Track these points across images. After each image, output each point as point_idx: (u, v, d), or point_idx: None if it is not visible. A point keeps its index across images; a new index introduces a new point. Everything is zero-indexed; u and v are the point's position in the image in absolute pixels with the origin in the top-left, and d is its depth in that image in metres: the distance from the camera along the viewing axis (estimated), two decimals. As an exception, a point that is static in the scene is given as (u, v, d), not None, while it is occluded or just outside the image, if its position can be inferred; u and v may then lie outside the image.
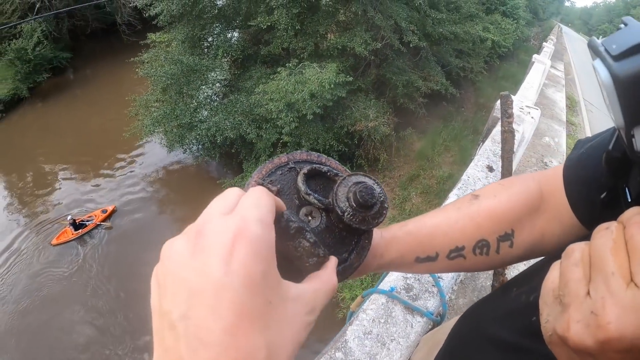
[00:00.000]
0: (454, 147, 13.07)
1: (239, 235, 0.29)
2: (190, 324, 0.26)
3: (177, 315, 0.27)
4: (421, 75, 13.10)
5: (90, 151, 14.42)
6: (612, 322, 0.31)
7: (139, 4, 12.22)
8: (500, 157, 2.97)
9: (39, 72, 18.25)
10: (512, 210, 0.68)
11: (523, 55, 22.04)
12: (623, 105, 0.33)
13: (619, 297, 0.32)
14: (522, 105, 5.50)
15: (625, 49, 0.32)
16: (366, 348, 1.49)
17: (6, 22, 17.84)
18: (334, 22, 11.41)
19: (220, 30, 12.53)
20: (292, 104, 9.94)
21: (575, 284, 0.36)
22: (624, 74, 0.32)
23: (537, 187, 0.70)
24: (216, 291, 0.27)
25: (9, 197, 13.13)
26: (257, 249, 0.29)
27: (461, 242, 0.67)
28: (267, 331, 0.27)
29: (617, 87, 0.32)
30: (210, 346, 0.26)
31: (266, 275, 0.29)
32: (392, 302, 1.68)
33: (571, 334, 0.34)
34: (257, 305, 0.27)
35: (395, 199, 11.33)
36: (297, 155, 0.50)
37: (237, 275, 0.27)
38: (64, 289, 10.06)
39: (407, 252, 0.67)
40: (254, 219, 0.31)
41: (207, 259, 0.28)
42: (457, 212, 0.70)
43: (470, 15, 15.65)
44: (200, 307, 0.27)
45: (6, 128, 16.49)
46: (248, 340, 0.26)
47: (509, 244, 0.68)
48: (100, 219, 11.70)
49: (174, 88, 11.31)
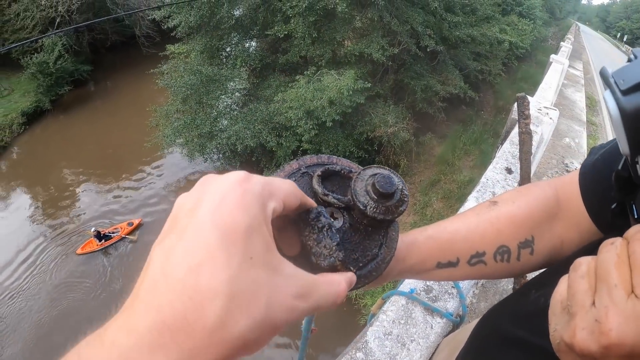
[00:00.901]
0: (474, 151, 12.94)
1: (237, 186, 0.30)
2: (165, 261, 0.27)
3: (159, 251, 0.28)
4: (439, 79, 13.04)
5: (112, 162, 14.67)
6: (613, 329, 0.34)
7: (157, 16, 12.45)
8: (519, 159, 2.93)
9: (60, 85, 18.66)
10: (531, 217, 0.68)
11: (541, 56, 21.76)
12: (629, 136, 0.36)
13: (621, 306, 0.34)
14: (540, 106, 5.43)
15: (632, 84, 0.35)
16: (386, 348, 1.50)
17: (28, 36, 18.33)
18: (351, 29, 11.44)
19: (238, 40, 12.68)
20: (311, 112, 9.98)
21: (581, 294, 0.38)
22: (631, 108, 0.35)
23: (554, 194, 0.70)
24: (196, 233, 0.27)
25: (33, 207, 13.40)
26: (248, 202, 0.29)
27: (482, 247, 0.68)
28: (235, 284, 0.26)
29: (623, 120, 0.35)
30: (170, 280, 0.26)
31: (250, 230, 0.28)
32: (412, 304, 1.68)
33: (577, 340, 0.37)
34: (233, 255, 0.27)
35: (416, 204, 11.25)
36: (307, 160, 0.49)
37: (219, 222, 0.28)
38: (84, 302, 10.16)
39: (428, 257, 0.67)
40: (259, 181, 0.32)
41: (199, 202, 0.29)
42: (477, 217, 0.70)
43: (487, 17, 15.55)
44: (180, 245, 0.27)
45: (29, 139, 16.91)
46: (210, 282, 0.25)
47: (530, 251, 0.68)
48: (126, 231, 11.72)
49: (193, 98, 11.47)
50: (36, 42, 18.01)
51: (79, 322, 9.45)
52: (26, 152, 16.29)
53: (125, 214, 12.72)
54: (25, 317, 9.92)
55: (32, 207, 13.43)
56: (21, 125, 17.16)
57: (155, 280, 0.26)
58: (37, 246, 11.70)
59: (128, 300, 0.27)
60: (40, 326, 9.71)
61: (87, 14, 19.86)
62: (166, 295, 0.25)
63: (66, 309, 10.02)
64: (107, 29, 21.38)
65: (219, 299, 0.25)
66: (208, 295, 0.25)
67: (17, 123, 17.09)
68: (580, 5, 73.69)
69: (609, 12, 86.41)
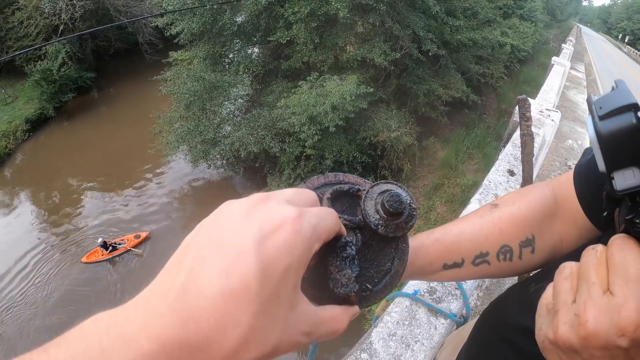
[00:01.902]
0: (478, 155, 12.93)
1: (289, 223, 0.30)
2: (198, 267, 0.27)
3: (195, 254, 0.28)
4: (442, 83, 13.05)
5: (116, 168, 14.72)
6: (589, 321, 0.38)
7: (160, 23, 12.51)
8: (521, 161, 2.95)
9: (64, 92, 18.79)
10: (532, 216, 0.71)
11: (543, 58, 21.78)
12: (604, 156, 0.41)
13: (597, 301, 0.38)
14: (542, 109, 5.43)
15: (608, 110, 0.40)
16: (391, 349, 1.51)
17: (31, 44, 18.44)
18: (353, 34, 11.47)
19: (240, 46, 12.72)
20: (314, 117, 10.00)
21: (564, 294, 0.43)
22: (605, 131, 0.40)
23: (552, 194, 0.73)
24: (237, 256, 0.27)
25: (38, 214, 13.43)
26: (296, 243, 0.30)
27: (485, 247, 0.70)
28: (259, 319, 0.27)
29: (599, 141, 0.40)
30: (201, 297, 0.26)
31: (289, 271, 0.29)
32: (415, 305, 1.70)
33: (559, 334, 0.41)
34: (265, 291, 0.27)
35: (420, 208, 11.24)
36: (314, 181, 0.50)
37: (263, 255, 0.28)
38: (85, 314, 10.12)
39: (435, 259, 0.70)
40: (311, 222, 0.32)
41: (250, 223, 0.29)
42: (480, 219, 0.73)
43: (488, 20, 15.56)
44: (217, 259, 0.27)
45: (34, 147, 17.00)
46: (236, 312, 0.26)
47: (531, 250, 0.70)
48: (132, 244, 11.59)
49: (197, 104, 11.51)
50: (40, 50, 18.16)
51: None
52: (30, 159, 16.37)
53: (128, 221, 12.72)
54: (24, 327, 9.87)
55: (35, 214, 13.47)
56: (25, 132, 17.27)
57: (186, 288, 0.26)
58: (39, 253, 11.67)
59: (151, 291, 0.28)
60: (39, 338, 9.60)
61: (90, 21, 20.02)
62: (195, 311, 0.26)
63: (66, 321, 9.82)
64: (110, 36, 21.54)
65: (240, 329, 0.26)
66: (232, 323, 0.26)
67: (21, 130, 17.21)
68: (581, 7, 73.68)
69: (610, 13, 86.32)
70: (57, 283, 10.80)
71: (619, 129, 0.39)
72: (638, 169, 0.39)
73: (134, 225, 12.51)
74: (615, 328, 0.36)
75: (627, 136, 0.39)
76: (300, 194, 0.36)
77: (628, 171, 0.40)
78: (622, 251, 0.40)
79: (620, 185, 0.40)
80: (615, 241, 0.41)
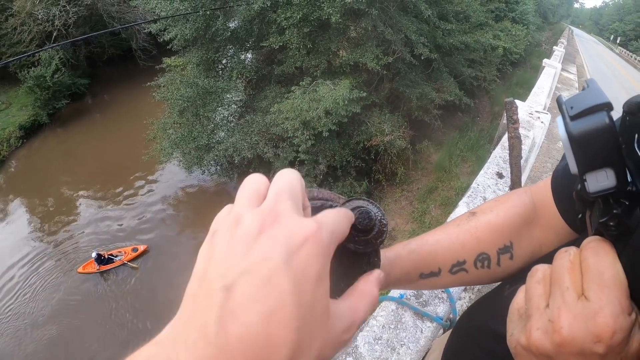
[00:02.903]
0: (471, 157, 12.97)
1: (311, 237, 0.30)
2: (230, 297, 0.26)
3: (221, 285, 0.27)
4: (434, 86, 13.09)
5: (110, 175, 14.64)
6: (564, 327, 0.37)
7: (153, 29, 12.51)
8: (509, 164, 2.95)
9: (58, 99, 18.70)
10: (509, 223, 0.71)
11: (535, 61, 21.88)
12: (576, 157, 0.39)
13: (571, 307, 0.38)
14: (531, 111, 5.46)
15: (579, 111, 0.39)
16: (376, 353, 1.52)
17: (25, 50, 18.37)
18: (345, 39, 11.50)
19: (233, 52, 12.72)
20: (307, 122, 10.01)
21: (537, 298, 0.42)
22: (576, 131, 0.38)
23: (530, 200, 0.73)
24: (269, 275, 0.27)
25: (31, 223, 13.31)
26: (320, 254, 0.30)
27: (462, 256, 0.70)
28: (302, 332, 0.27)
29: (570, 142, 0.39)
30: (242, 324, 0.25)
31: (319, 280, 0.29)
32: (402, 309, 1.71)
33: (532, 340, 0.40)
34: (302, 303, 0.27)
35: (414, 212, 11.26)
36: None
37: (295, 269, 0.28)
38: (80, 325, 9.83)
39: (411, 269, 0.70)
40: (329, 230, 0.32)
41: (273, 244, 0.28)
42: (457, 228, 0.73)
43: (480, 24, 15.69)
44: (247, 284, 0.27)
45: (27, 154, 16.90)
46: (280, 331, 0.26)
47: (509, 256, 0.70)
48: (129, 257, 11.25)
49: (190, 110, 11.49)
50: (33, 56, 18.05)
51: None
52: (24, 166, 16.26)
53: (122, 229, 12.59)
54: (20, 338, 9.73)
55: (29, 222, 13.35)
56: (19, 139, 17.17)
57: (225, 321, 0.26)
58: (30, 262, 11.54)
59: (185, 329, 0.27)
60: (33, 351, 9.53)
61: (83, 27, 19.98)
62: (239, 342, 0.25)
63: (58, 335, 9.69)
64: (104, 42, 21.45)
65: (286, 348, 0.26)
66: (277, 344, 0.26)
67: (15, 137, 17.10)
68: (573, 9, 74.14)
69: (601, 14, 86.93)
70: (49, 293, 10.61)
71: (591, 130, 0.38)
72: (611, 170, 0.39)
73: (128, 233, 12.39)
74: (591, 334, 0.36)
75: (599, 136, 0.38)
76: (292, 190, 0.35)
77: (601, 173, 0.39)
78: (596, 255, 0.40)
79: (593, 188, 0.40)
80: (589, 244, 0.41)
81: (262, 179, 0.37)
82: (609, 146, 0.38)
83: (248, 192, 0.35)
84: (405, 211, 11.52)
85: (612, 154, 0.38)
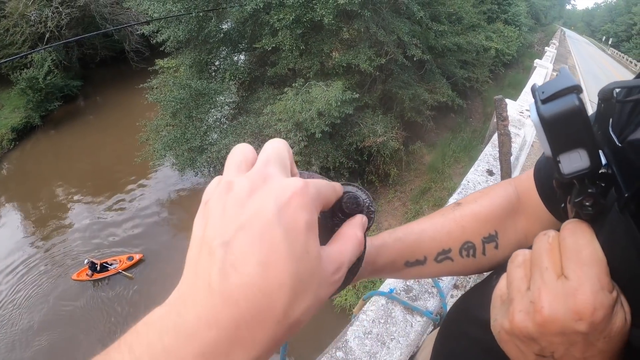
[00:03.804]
0: (464, 158, 13.03)
1: (299, 190, 0.32)
2: (229, 251, 0.29)
3: (219, 241, 0.29)
4: (427, 88, 13.14)
5: (103, 178, 14.55)
6: (545, 307, 0.38)
7: (146, 31, 12.48)
8: (499, 161, 2.97)
9: (50, 101, 18.61)
10: (494, 213, 0.72)
11: (528, 62, 22.02)
12: (548, 138, 0.40)
13: (551, 286, 0.38)
14: (522, 109, 5.51)
15: (549, 94, 0.40)
16: (366, 347, 1.54)
17: (17, 52, 18.23)
18: (338, 41, 11.51)
19: (226, 53, 12.72)
20: (300, 123, 10.02)
21: (518, 282, 0.43)
22: (547, 114, 0.39)
23: (514, 190, 0.74)
24: (262, 228, 0.29)
25: (23, 227, 13.20)
26: (308, 205, 0.32)
27: (448, 245, 0.71)
28: (296, 276, 0.29)
29: (542, 125, 0.39)
30: (242, 274, 0.28)
31: (309, 228, 0.31)
32: (392, 303, 1.73)
33: (515, 322, 0.40)
34: (295, 250, 0.29)
35: (408, 212, 11.30)
36: None
37: (285, 220, 0.30)
38: (72, 335, 9.64)
39: (397, 257, 0.71)
40: (315, 187, 0.34)
41: (264, 201, 0.31)
42: (442, 217, 0.74)
43: (472, 25, 15.74)
44: (243, 238, 0.29)
45: (20, 156, 16.80)
46: (277, 276, 0.28)
47: (494, 245, 0.71)
48: (124, 266, 10.99)
49: (183, 112, 11.46)
50: (25, 58, 17.96)
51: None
52: (16, 168, 16.17)
53: (115, 234, 12.46)
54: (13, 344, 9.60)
55: (20, 225, 13.25)
56: (11, 142, 17.07)
57: (226, 272, 0.28)
58: (22, 264, 11.43)
59: (190, 286, 0.30)
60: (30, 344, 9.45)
61: (76, 29, 19.87)
62: (241, 289, 0.28)
63: (48, 346, 9.52)
64: (97, 44, 21.37)
65: (284, 291, 0.29)
66: (276, 288, 0.28)
67: (7, 139, 17.00)
68: (565, 11, 74.62)
69: (593, 16, 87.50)
70: (41, 300, 10.42)
71: (561, 111, 0.38)
72: (584, 151, 0.39)
73: (121, 238, 12.27)
74: (571, 312, 0.36)
75: (569, 118, 0.38)
76: (279, 156, 0.37)
77: (574, 154, 0.39)
78: (574, 235, 0.40)
79: (567, 169, 0.40)
80: (566, 226, 0.42)
81: (248, 148, 0.38)
82: (580, 127, 0.38)
83: (236, 161, 0.37)
84: (398, 212, 11.56)
85: (583, 135, 0.39)
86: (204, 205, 0.34)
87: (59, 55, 19.07)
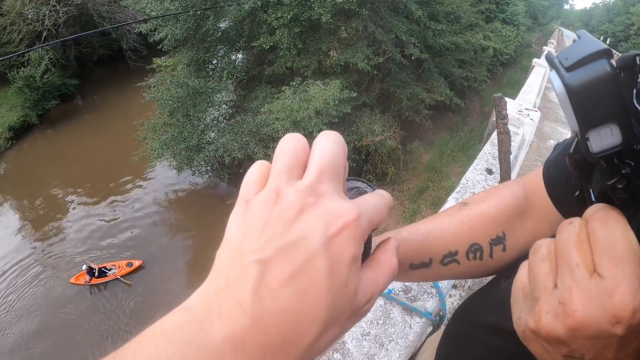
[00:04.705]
0: (462, 157, 13.03)
1: (351, 223, 0.29)
2: (266, 272, 0.27)
3: (256, 257, 0.27)
4: (425, 87, 13.13)
5: (101, 177, 14.48)
6: (578, 310, 0.34)
7: (144, 29, 12.45)
8: (498, 160, 2.95)
9: (47, 99, 18.57)
10: (502, 213, 0.70)
11: (526, 61, 22.01)
12: (576, 111, 0.35)
13: (584, 286, 0.34)
14: (521, 108, 5.48)
15: (576, 60, 0.35)
16: (364, 349, 1.51)
17: (14, 50, 18.21)
18: (336, 39, 11.50)
19: (224, 52, 12.69)
20: (298, 122, 10.00)
21: (543, 277, 0.38)
22: (575, 83, 0.34)
23: (522, 190, 0.71)
24: (306, 255, 0.27)
25: (20, 226, 13.14)
26: (357, 236, 0.30)
27: (454, 246, 0.68)
28: (332, 310, 0.28)
29: (569, 96, 0.35)
30: (277, 299, 0.26)
31: (353, 262, 0.29)
32: (390, 304, 1.70)
33: (542, 324, 0.37)
34: (335, 283, 0.28)
35: (405, 212, 11.29)
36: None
37: (332, 251, 0.28)
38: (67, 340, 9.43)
39: (401, 259, 0.67)
40: (368, 217, 0.32)
41: (313, 226, 0.28)
42: (449, 217, 0.71)
43: (471, 24, 15.75)
44: (284, 262, 0.27)
45: (17, 155, 16.74)
46: (313, 308, 0.27)
47: (502, 248, 0.69)
48: (123, 272, 10.70)
49: (181, 111, 11.44)
50: (23, 56, 17.92)
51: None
52: (13, 167, 16.10)
53: (113, 235, 12.36)
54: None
55: (17, 225, 13.17)
56: (8, 140, 17.00)
57: (260, 294, 0.26)
58: (18, 264, 11.34)
59: (218, 297, 0.28)
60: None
61: (73, 27, 19.82)
62: (273, 315, 0.26)
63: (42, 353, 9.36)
64: (94, 42, 21.33)
65: (316, 324, 0.27)
66: (309, 320, 0.27)
67: (4, 138, 16.94)
68: (563, 11, 74.66)
69: (591, 16, 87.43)
70: (37, 303, 10.27)
71: (591, 79, 0.34)
72: (616, 126, 0.34)
73: (118, 239, 12.19)
74: (608, 315, 0.33)
75: (601, 86, 0.33)
76: (334, 165, 0.33)
77: (605, 129, 0.34)
78: (605, 226, 0.35)
79: (596, 147, 0.35)
80: (596, 215, 0.37)
81: (301, 144, 0.34)
82: (613, 98, 0.33)
83: (287, 161, 0.33)
84: (396, 211, 11.55)
85: (616, 107, 0.34)
86: (244, 204, 0.31)
87: (56, 53, 19.03)
